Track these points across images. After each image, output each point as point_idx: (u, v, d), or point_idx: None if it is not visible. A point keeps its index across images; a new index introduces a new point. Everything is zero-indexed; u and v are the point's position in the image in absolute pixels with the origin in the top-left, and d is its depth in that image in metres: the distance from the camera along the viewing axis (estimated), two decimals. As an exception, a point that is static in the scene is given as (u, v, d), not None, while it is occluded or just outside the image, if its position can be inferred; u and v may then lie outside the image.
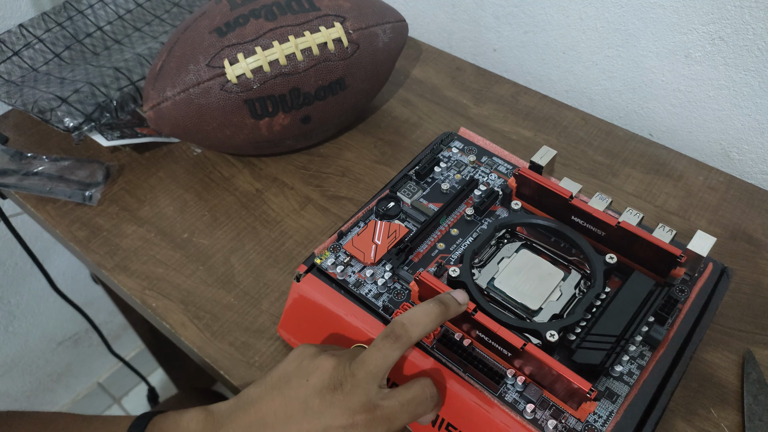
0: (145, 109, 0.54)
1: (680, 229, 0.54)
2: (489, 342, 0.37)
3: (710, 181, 0.58)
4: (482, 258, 0.43)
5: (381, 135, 0.64)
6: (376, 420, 0.33)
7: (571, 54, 0.66)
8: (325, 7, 0.54)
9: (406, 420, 0.34)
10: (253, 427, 0.34)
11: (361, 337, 0.41)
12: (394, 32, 0.58)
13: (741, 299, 0.49)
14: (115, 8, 0.69)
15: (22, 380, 1.08)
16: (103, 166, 0.60)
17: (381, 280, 0.42)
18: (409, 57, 0.73)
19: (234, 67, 0.51)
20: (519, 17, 0.68)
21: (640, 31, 0.60)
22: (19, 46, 0.64)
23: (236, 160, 0.62)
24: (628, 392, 0.37)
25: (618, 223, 0.40)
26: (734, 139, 0.60)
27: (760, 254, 0.52)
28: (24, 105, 0.58)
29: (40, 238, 0.96)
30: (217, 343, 0.48)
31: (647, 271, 0.41)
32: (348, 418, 0.33)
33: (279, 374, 0.36)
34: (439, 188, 0.48)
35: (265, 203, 0.58)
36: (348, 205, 0.57)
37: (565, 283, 0.41)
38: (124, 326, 1.20)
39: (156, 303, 0.51)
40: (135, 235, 0.56)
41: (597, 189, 0.57)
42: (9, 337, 1.01)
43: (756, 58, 0.54)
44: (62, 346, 1.12)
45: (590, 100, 0.69)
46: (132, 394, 1.30)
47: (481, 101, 0.67)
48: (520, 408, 0.36)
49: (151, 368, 1.27)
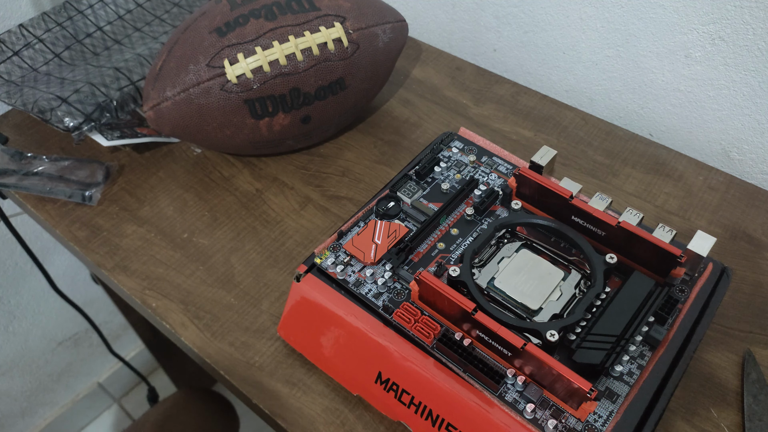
0: (145, 109, 0.54)
1: (680, 229, 0.54)
2: (489, 342, 0.37)
3: (710, 181, 0.58)
4: (482, 258, 0.43)
5: (381, 135, 0.64)
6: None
7: (571, 54, 0.66)
8: (325, 7, 0.54)
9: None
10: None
11: (361, 337, 0.41)
12: (394, 32, 0.58)
13: (741, 299, 0.49)
14: (115, 8, 0.69)
15: (22, 380, 1.08)
16: (103, 166, 0.60)
17: (381, 279, 0.42)
18: (409, 57, 0.73)
19: (234, 67, 0.51)
20: (519, 17, 0.68)
21: (640, 31, 0.60)
22: (19, 46, 0.64)
23: (236, 160, 0.62)
24: (628, 392, 0.37)
25: (618, 223, 0.40)
26: (734, 139, 0.60)
27: (760, 254, 0.52)
28: (24, 105, 0.58)
29: (40, 238, 0.96)
30: (217, 343, 0.48)
31: (647, 271, 0.41)
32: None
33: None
34: (439, 188, 0.48)
35: (265, 203, 0.58)
36: (348, 205, 0.57)
37: (565, 283, 0.41)
38: (124, 326, 1.20)
39: (156, 303, 0.51)
40: (135, 235, 0.56)
41: (597, 189, 0.57)
42: (9, 337, 1.01)
43: (756, 58, 0.54)
44: (62, 346, 1.12)
45: (590, 100, 0.69)
46: (132, 394, 1.30)
47: (481, 101, 0.67)
48: (520, 408, 0.36)
49: (151, 368, 1.27)
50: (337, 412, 0.44)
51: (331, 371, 0.44)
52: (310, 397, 0.45)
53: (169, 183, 0.60)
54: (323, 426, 0.43)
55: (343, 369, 0.43)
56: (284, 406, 0.44)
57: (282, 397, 0.45)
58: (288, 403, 0.44)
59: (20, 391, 1.09)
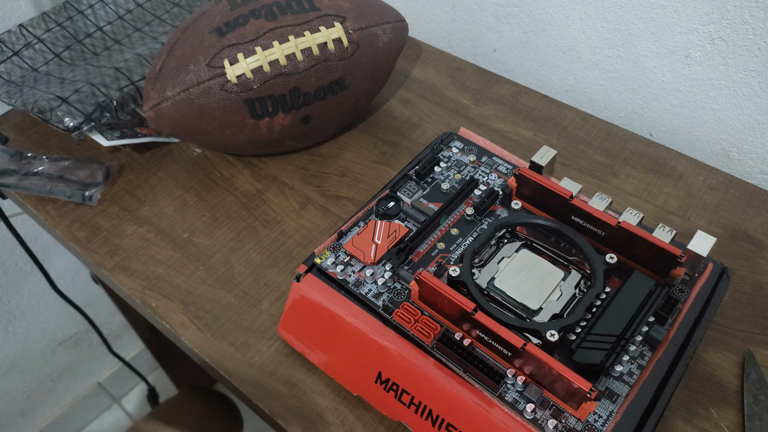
0: (145, 109, 0.54)
1: (680, 229, 0.54)
2: (489, 342, 0.37)
3: (710, 181, 0.58)
4: (482, 258, 0.43)
5: (381, 135, 0.64)
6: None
7: (571, 54, 0.66)
8: (325, 7, 0.54)
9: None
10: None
11: (361, 337, 0.41)
12: (394, 32, 0.58)
13: (741, 299, 0.49)
14: (115, 8, 0.69)
15: (22, 380, 1.08)
16: (103, 166, 0.60)
17: (381, 279, 0.42)
18: (409, 57, 0.73)
19: (234, 67, 0.51)
20: (519, 17, 0.68)
21: (640, 31, 0.60)
22: (19, 46, 0.64)
23: (236, 160, 0.62)
24: (628, 392, 0.37)
25: (618, 223, 0.40)
26: (734, 139, 0.60)
27: (760, 254, 0.52)
28: (24, 105, 0.58)
29: (40, 238, 0.96)
30: (217, 343, 0.48)
31: (647, 271, 0.41)
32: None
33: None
34: (439, 188, 0.48)
35: (265, 203, 0.58)
36: (348, 205, 0.57)
37: (565, 282, 0.41)
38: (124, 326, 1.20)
39: (156, 303, 0.51)
40: (135, 235, 0.56)
41: (597, 189, 0.57)
42: (9, 337, 1.01)
43: (756, 58, 0.54)
44: (62, 346, 1.12)
45: (590, 100, 0.69)
46: (132, 394, 1.30)
47: (481, 101, 0.67)
48: (520, 408, 0.36)
49: (151, 368, 1.27)
50: (337, 412, 0.44)
51: (331, 371, 0.44)
52: (310, 397, 0.45)
53: (169, 183, 0.60)
54: (323, 426, 0.43)
55: (343, 369, 0.43)
56: (284, 406, 0.44)
57: (282, 397, 0.45)
58: (288, 403, 0.44)
59: (20, 391, 1.09)
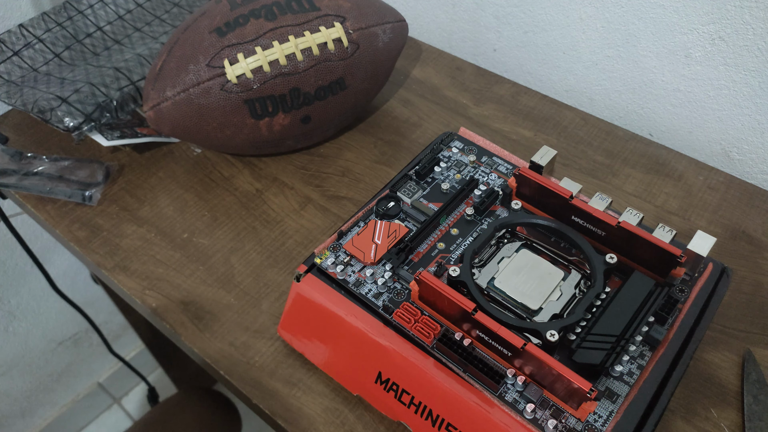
0: (145, 109, 0.54)
1: (680, 229, 0.54)
2: (489, 342, 0.37)
3: (710, 181, 0.58)
4: (482, 258, 0.43)
5: (381, 135, 0.64)
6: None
7: (571, 54, 0.66)
8: (325, 7, 0.54)
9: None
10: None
11: (361, 337, 0.41)
12: (394, 32, 0.58)
13: (741, 299, 0.49)
14: (115, 8, 0.69)
15: (22, 380, 1.08)
16: (103, 166, 0.60)
17: (381, 279, 0.42)
18: (409, 57, 0.73)
19: (234, 67, 0.51)
20: (519, 17, 0.68)
21: (640, 31, 0.60)
22: (19, 46, 0.64)
23: (236, 160, 0.62)
24: (628, 392, 0.37)
25: (618, 223, 0.40)
26: (734, 139, 0.60)
27: (760, 254, 0.52)
28: (24, 105, 0.58)
29: (40, 238, 0.96)
30: (217, 343, 0.48)
31: (647, 271, 0.41)
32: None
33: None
34: (439, 188, 0.48)
35: (265, 203, 0.58)
36: (348, 205, 0.57)
37: (565, 282, 0.41)
38: (124, 326, 1.20)
39: (156, 303, 0.51)
40: (135, 235, 0.56)
41: (597, 189, 0.57)
42: (9, 337, 1.01)
43: (756, 58, 0.54)
44: (62, 346, 1.12)
45: (590, 100, 0.69)
46: (132, 394, 1.30)
47: (481, 101, 0.67)
48: (520, 408, 0.36)
49: (151, 368, 1.27)
50: (337, 412, 0.44)
51: (331, 371, 0.44)
52: (310, 397, 0.45)
53: (169, 183, 0.60)
54: (323, 426, 0.43)
55: (343, 369, 0.43)
56: (284, 406, 0.44)
57: (282, 397, 0.45)
58: (288, 403, 0.44)
59: (20, 391, 1.09)
